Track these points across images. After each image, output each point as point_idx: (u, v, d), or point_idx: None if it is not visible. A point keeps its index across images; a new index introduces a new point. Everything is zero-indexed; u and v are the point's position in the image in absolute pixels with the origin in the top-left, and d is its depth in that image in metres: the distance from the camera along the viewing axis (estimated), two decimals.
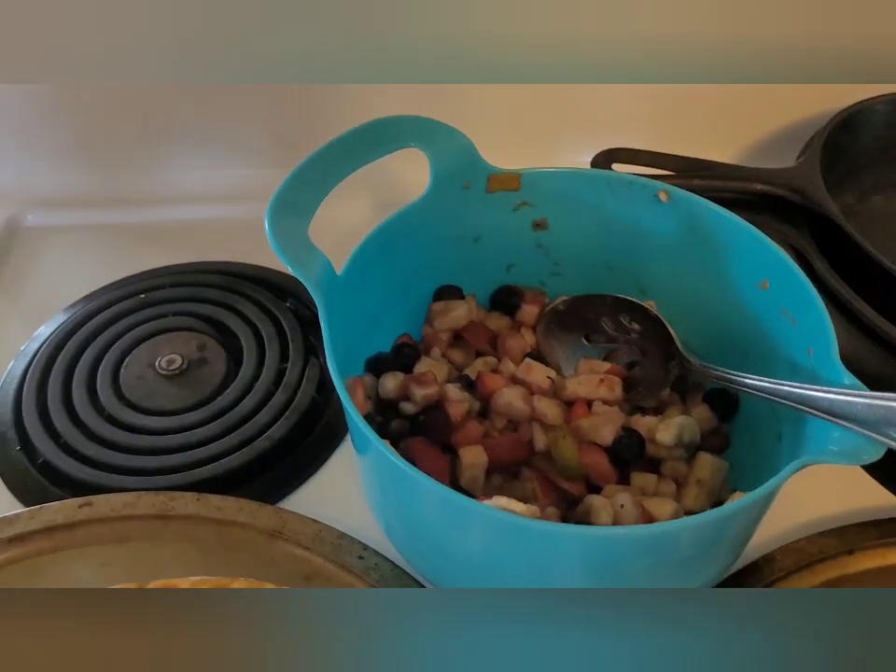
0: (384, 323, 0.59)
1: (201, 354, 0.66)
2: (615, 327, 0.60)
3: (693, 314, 0.59)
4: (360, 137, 0.52)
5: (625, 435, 0.53)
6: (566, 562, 0.44)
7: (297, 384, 0.64)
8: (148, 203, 0.82)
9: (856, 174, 0.73)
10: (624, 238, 0.59)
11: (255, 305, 0.70)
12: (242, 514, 0.55)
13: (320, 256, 0.49)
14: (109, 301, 0.72)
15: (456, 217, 0.58)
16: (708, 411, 0.57)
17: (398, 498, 0.48)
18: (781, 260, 0.52)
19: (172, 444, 0.60)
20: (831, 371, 0.46)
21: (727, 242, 0.55)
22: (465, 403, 0.55)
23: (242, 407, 0.63)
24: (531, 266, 0.63)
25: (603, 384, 0.56)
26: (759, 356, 0.54)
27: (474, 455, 0.52)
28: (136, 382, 0.65)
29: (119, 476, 0.58)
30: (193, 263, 0.75)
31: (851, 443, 0.42)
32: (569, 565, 0.44)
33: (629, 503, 0.50)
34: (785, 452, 0.50)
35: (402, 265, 0.58)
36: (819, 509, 0.58)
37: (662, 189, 0.56)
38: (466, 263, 0.61)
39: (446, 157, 0.55)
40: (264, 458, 0.60)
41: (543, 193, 0.58)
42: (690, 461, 0.54)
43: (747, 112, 0.79)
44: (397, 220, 0.55)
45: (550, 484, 0.53)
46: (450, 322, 0.60)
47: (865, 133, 0.71)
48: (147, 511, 0.55)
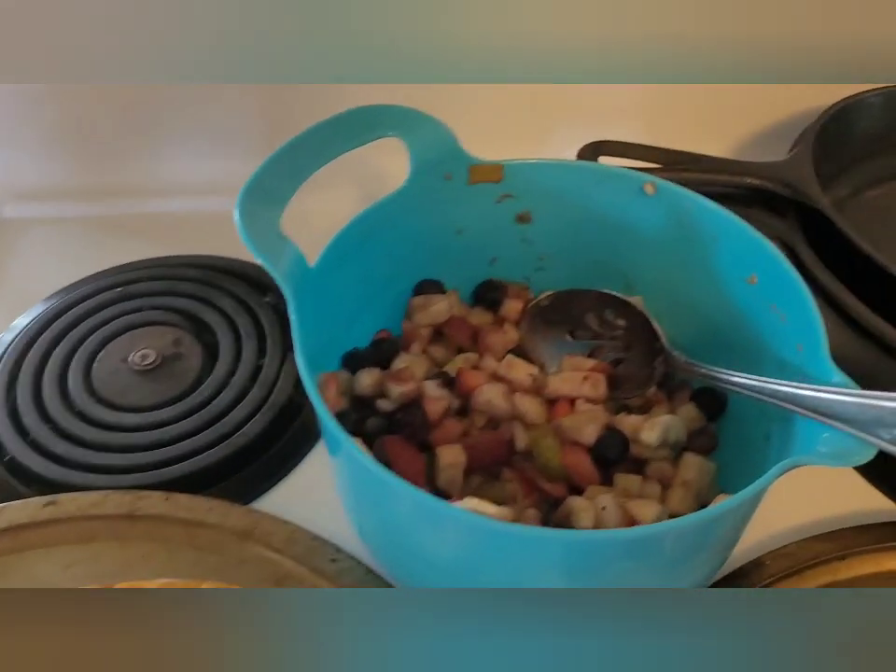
0: (362, 317, 0.57)
1: (176, 349, 0.65)
2: (600, 323, 0.58)
3: (680, 309, 0.57)
4: (337, 126, 0.50)
5: (609, 435, 0.51)
6: (542, 566, 0.42)
7: (274, 380, 0.63)
8: (128, 195, 0.81)
9: (849, 168, 0.72)
10: (610, 232, 0.57)
11: (232, 300, 0.68)
12: (212, 515, 0.53)
13: (291, 247, 0.47)
14: (86, 293, 0.70)
15: (437, 209, 0.56)
16: (695, 410, 0.55)
17: (369, 500, 0.46)
18: (770, 255, 0.50)
19: (143, 442, 0.58)
20: (820, 368, 0.44)
21: (715, 235, 0.53)
22: (443, 401, 0.53)
23: (216, 404, 0.61)
24: (515, 260, 0.61)
25: (587, 381, 0.54)
26: (747, 352, 0.53)
27: (452, 455, 0.51)
28: (109, 377, 0.63)
29: (87, 474, 0.57)
30: (172, 257, 0.74)
31: (841, 444, 0.40)
32: (547, 568, 0.43)
33: (611, 505, 0.48)
34: (773, 453, 0.49)
35: (381, 258, 0.56)
36: (811, 512, 0.56)
37: (648, 181, 0.54)
38: (448, 257, 0.59)
39: (426, 147, 0.53)
40: (237, 457, 0.58)
41: (526, 185, 0.57)
42: (676, 462, 0.53)
43: (738, 106, 0.78)
44: (374, 212, 0.53)
45: (531, 485, 0.52)
46: (430, 317, 0.58)
47: (858, 126, 0.70)
48: (114, 511, 0.53)
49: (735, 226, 0.52)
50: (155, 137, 0.81)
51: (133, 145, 0.80)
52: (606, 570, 0.43)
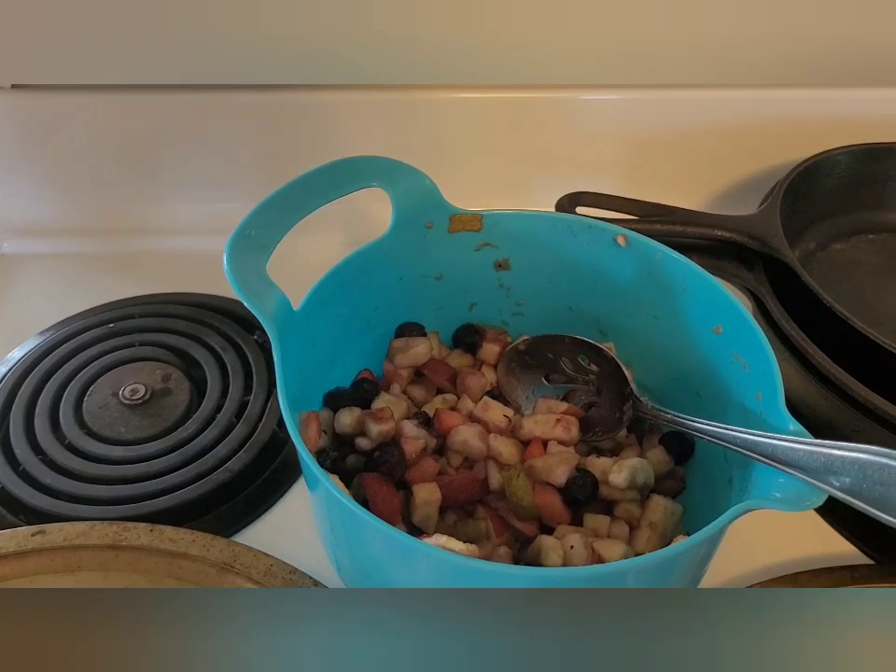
0: (345, 358, 0.59)
1: (165, 384, 0.67)
2: (574, 367, 0.60)
3: (650, 355, 0.60)
4: (322, 177, 0.53)
5: (579, 476, 0.53)
6: None
7: (258, 417, 0.64)
8: (122, 233, 0.83)
9: (817, 221, 0.74)
10: (585, 280, 0.60)
11: (221, 337, 0.71)
12: (194, 546, 0.54)
13: (277, 291, 0.49)
14: (79, 328, 0.72)
15: (419, 255, 0.59)
16: (664, 453, 0.57)
17: (345, 535, 0.48)
18: (734, 307, 0.52)
19: (129, 474, 0.60)
20: (777, 416, 0.46)
21: (683, 286, 0.55)
22: (421, 440, 0.55)
23: (202, 439, 0.63)
24: (493, 305, 0.63)
25: (559, 424, 0.56)
26: (713, 398, 0.55)
27: (427, 493, 0.53)
28: (99, 410, 0.65)
29: (75, 505, 0.58)
30: (164, 294, 0.76)
31: (794, 490, 0.42)
32: None
33: (579, 544, 0.50)
34: (734, 496, 0.50)
35: (364, 302, 0.58)
36: (772, 554, 0.58)
37: (620, 233, 0.57)
38: (428, 301, 0.62)
39: (408, 197, 0.56)
40: (221, 491, 0.60)
41: (505, 234, 0.59)
42: (644, 503, 0.54)
43: (712, 161, 0.81)
44: (357, 258, 0.56)
45: (503, 524, 0.53)
46: (410, 359, 0.60)
47: (826, 182, 0.73)
48: (99, 541, 0.55)
49: (702, 278, 0.54)
50: (149, 177, 0.83)
51: (127, 185, 0.83)
52: None
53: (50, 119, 0.79)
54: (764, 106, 0.79)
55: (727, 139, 0.79)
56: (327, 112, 0.79)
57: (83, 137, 0.80)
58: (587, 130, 0.79)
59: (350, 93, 0.79)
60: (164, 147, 0.81)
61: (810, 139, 0.73)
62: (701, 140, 0.79)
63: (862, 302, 0.68)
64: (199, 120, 0.79)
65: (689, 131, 0.79)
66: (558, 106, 0.78)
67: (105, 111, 0.79)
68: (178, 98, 0.78)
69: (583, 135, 0.80)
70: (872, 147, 0.74)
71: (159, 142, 0.81)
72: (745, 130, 0.79)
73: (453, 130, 0.78)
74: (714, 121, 0.79)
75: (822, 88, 0.78)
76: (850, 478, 0.40)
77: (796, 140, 0.75)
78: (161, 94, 0.78)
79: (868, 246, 0.75)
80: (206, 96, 0.78)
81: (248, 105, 0.79)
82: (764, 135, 0.79)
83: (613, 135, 0.80)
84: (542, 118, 0.79)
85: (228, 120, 0.79)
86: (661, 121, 0.79)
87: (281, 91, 0.78)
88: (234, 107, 0.79)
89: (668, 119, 0.79)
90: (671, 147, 0.80)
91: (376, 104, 0.78)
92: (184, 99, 0.78)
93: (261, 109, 0.79)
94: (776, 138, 0.79)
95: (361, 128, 0.79)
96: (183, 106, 0.79)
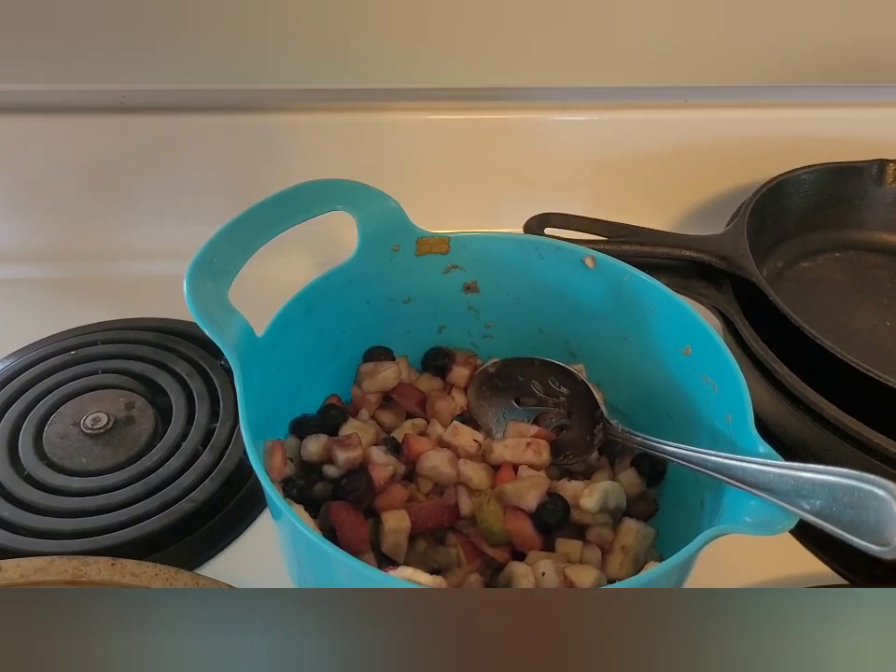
0: (311, 384, 0.58)
1: (128, 412, 0.65)
2: (545, 390, 0.60)
3: (620, 377, 0.59)
4: (285, 200, 0.52)
5: (550, 500, 0.53)
6: None
7: (225, 444, 0.63)
8: (83, 258, 0.82)
9: (784, 239, 0.75)
10: (553, 302, 0.60)
11: (187, 363, 0.69)
12: (157, 580, 0.53)
13: (239, 318, 0.48)
14: (39, 356, 0.70)
15: (386, 279, 0.58)
16: (636, 475, 0.56)
17: (311, 567, 0.47)
18: (702, 328, 0.52)
19: (90, 506, 0.59)
20: (747, 438, 0.46)
21: (651, 307, 0.55)
22: (389, 467, 0.54)
23: (166, 468, 0.61)
24: (463, 328, 0.63)
25: (530, 447, 0.56)
26: (683, 420, 0.55)
27: (396, 520, 0.52)
28: (60, 441, 0.63)
29: (33, 539, 0.57)
30: (127, 320, 0.74)
31: (765, 513, 0.42)
32: None
33: (550, 570, 0.49)
34: (706, 518, 0.50)
35: (330, 326, 0.57)
36: (746, 575, 0.58)
37: (588, 254, 0.57)
38: (397, 325, 0.61)
39: (374, 220, 0.55)
40: (185, 521, 0.58)
41: (472, 257, 0.59)
42: (615, 527, 0.54)
43: (679, 181, 0.81)
44: (322, 283, 0.55)
45: (474, 550, 0.53)
46: (378, 384, 0.59)
47: (793, 200, 0.73)
48: (58, 577, 0.53)
49: (670, 299, 0.54)
50: (112, 201, 0.82)
51: (89, 209, 0.82)
52: None
53: (12, 141, 0.77)
54: (730, 127, 0.79)
55: (693, 159, 0.80)
56: (295, 134, 0.78)
57: (45, 160, 0.79)
58: (554, 151, 0.79)
59: (317, 116, 0.78)
60: (128, 170, 0.80)
61: (776, 159, 0.73)
62: (668, 160, 0.80)
63: (831, 320, 0.68)
64: (164, 144, 0.78)
65: (655, 151, 0.80)
66: (525, 127, 0.78)
67: (67, 134, 0.78)
68: (142, 121, 0.77)
69: (551, 156, 0.80)
70: (836, 167, 0.74)
71: (122, 165, 0.80)
72: (711, 150, 0.79)
73: (419, 152, 0.78)
74: (680, 141, 0.79)
75: (787, 108, 0.79)
76: (821, 500, 0.40)
77: (762, 160, 0.76)
78: (124, 118, 0.77)
79: (835, 265, 0.75)
80: (171, 119, 0.77)
81: (215, 127, 0.78)
82: (730, 155, 0.80)
83: (581, 156, 0.80)
84: (509, 139, 0.79)
85: (193, 143, 0.79)
86: (627, 142, 0.79)
87: (248, 114, 0.78)
88: (200, 130, 0.78)
89: (635, 140, 0.79)
90: (638, 167, 0.80)
91: (344, 126, 0.78)
92: (147, 122, 0.77)
93: (228, 132, 0.78)
94: (742, 158, 0.79)
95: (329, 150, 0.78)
96: (147, 129, 0.78)
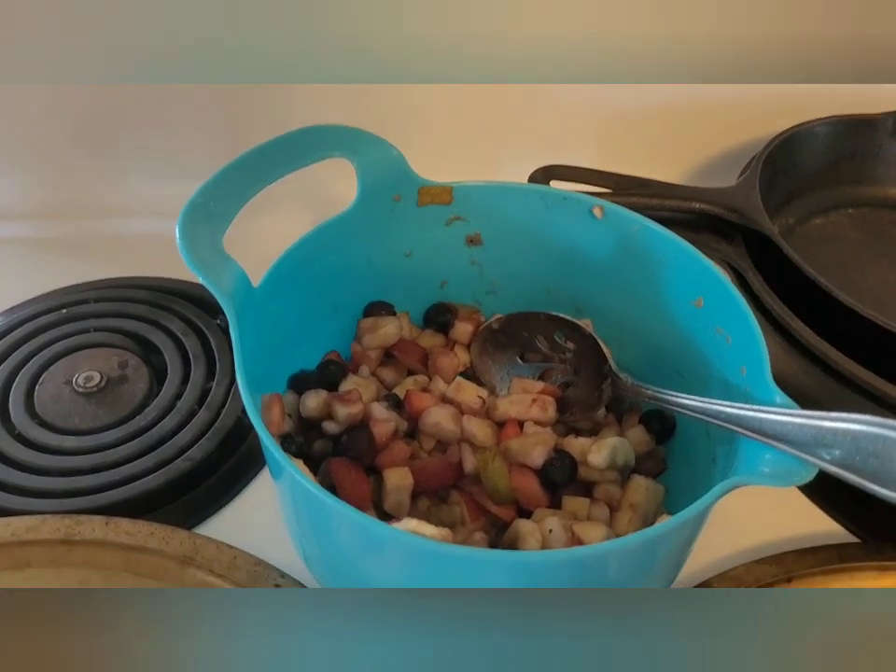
0: (310, 339, 0.56)
1: (122, 371, 0.63)
2: (550, 345, 0.58)
3: (628, 332, 0.58)
4: (282, 146, 0.50)
5: (557, 457, 0.51)
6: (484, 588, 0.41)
7: (221, 403, 0.62)
8: (76, 216, 0.80)
9: (797, 195, 0.73)
10: (560, 255, 0.58)
11: (182, 322, 0.67)
12: (153, 540, 0.52)
13: (234, 266, 0.47)
14: (30, 314, 0.69)
15: (386, 230, 0.56)
16: (644, 432, 0.55)
17: (311, 524, 0.45)
18: (716, 278, 0.50)
19: (83, 465, 0.57)
20: (763, 389, 0.44)
21: (662, 259, 0.53)
22: (391, 423, 0.52)
23: (161, 427, 0.60)
24: (466, 283, 0.61)
25: (535, 404, 0.54)
26: (693, 374, 0.53)
27: (399, 478, 0.50)
28: (51, 400, 0.62)
29: (25, 499, 0.55)
30: (120, 278, 0.73)
31: (783, 464, 0.40)
32: None
33: (558, 528, 0.48)
34: (718, 474, 0.49)
35: (329, 280, 0.55)
36: (758, 535, 0.56)
37: (596, 204, 0.55)
38: (397, 279, 0.59)
39: (374, 168, 0.53)
40: (182, 480, 0.57)
41: (476, 208, 0.57)
42: (624, 484, 0.52)
43: (689, 133, 0.79)
44: (321, 233, 0.53)
45: (478, 508, 0.51)
46: (379, 339, 0.57)
47: (805, 154, 0.71)
48: (51, 536, 0.52)
49: (682, 250, 0.52)
50: (105, 158, 0.80)
51: (81, 165, 0.79)
52: None
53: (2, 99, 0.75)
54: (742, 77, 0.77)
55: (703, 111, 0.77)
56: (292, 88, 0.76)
57: (37, 118, 0.76)
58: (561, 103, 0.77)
59: None
60: (121, 126, 0.78)
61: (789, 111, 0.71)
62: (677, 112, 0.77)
63: (844, 278, 0.66)
64: (158, 101, 0.76)
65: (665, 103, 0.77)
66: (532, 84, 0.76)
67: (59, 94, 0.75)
68: None
69: (557, 108, 0.77)
70: (850, 119, 0.72)
71: (115, 121, 0.77)
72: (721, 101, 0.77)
73: (422, 102, 0.76)
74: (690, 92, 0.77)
75: None
76: (842, 450, 0.38)
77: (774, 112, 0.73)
78: None
79: (848, 221, 0.73)
80: None
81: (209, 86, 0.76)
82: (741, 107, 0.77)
83: (588, 108, 0.77)
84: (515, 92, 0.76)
85: (188, 100, 0.76)
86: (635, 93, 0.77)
87: None
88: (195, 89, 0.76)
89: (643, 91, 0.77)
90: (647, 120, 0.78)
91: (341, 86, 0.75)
92: None
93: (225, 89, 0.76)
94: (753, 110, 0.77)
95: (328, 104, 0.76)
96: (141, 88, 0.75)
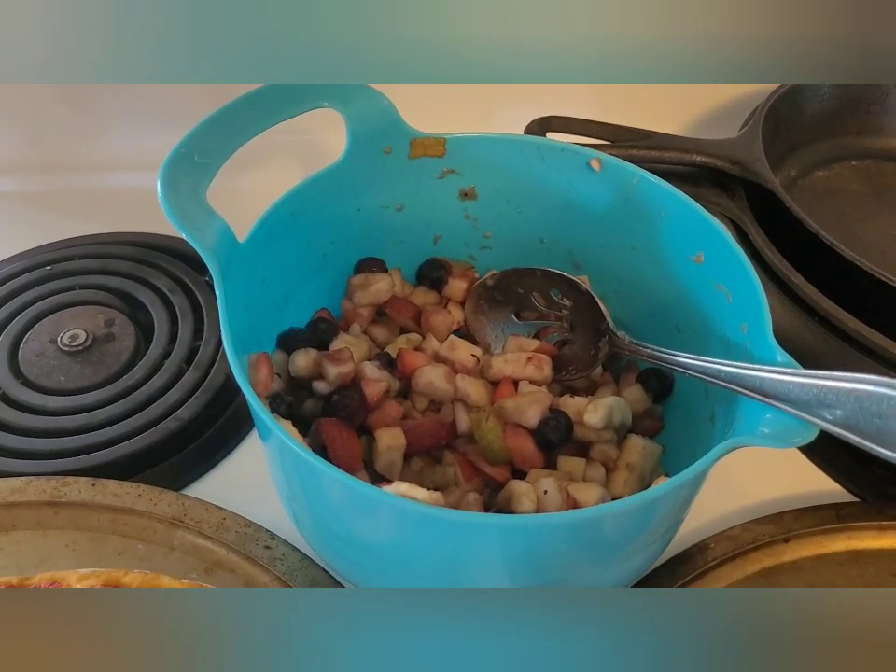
0: (299, 297, 0.55)
1: (108, 329, 0.62)
2: (546, 303, 0.57)
3: (626, 290, 0.56)
4: (268, 96, 0.48)
5: (552, 417, 0.50)
6: (477, 551, 0.41)
7: (210, 362, 0.60)
8: (60, 170, 0.78)
9: (799, 148, 0.71)
10: (556, 209, 0.56)
11: (169, 279, 0.66)
12: (140, 501, 0.51)
13: (218, 220, 0.45)
14: (13, 272, 0.67)
15: (377, 183, 0.54)
16: (642, 391, 0.54)
17: (301, 486, 0.44)
18: (717, 233, 0.49)
19: (70, 426, 0.56)
20: (764, 348, 0.43)
21: (662, 213, 0.52)
22: (383, 382, 0.51)
23: (149, 386, 0.58)
24: (459, 238, 0.59)
25: (531, 362, 0.53)
26: (693, 332, 0.52)
27: (391, 438, 0.49)
28: (36, 358, 0.60)
29: (10, 460, 0.54)
30: (106, 234, 0.71)
31: (783, 425, 0.39)
32: (483, 555, 0.41)
33: (553, 489, 0.47)
34: (717, 434, 0.48)
35: (319, 235, 0.54)
36: (756, 494, 0.56)
37: (594, 156, 0.53)
38: (390, 234, 0.58)
39: (364, 119, 0.51)
40: (170, 441, 0.56)
41: (470, 160, 0.55)
42: (620, 444, 0.51)
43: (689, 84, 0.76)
44: (309, 186, 0.51)
45: (472, 469, 0.50)
46: (370, 297, 0.56)
47: (808, 106, 0.70)
48: (36, 498, 0.51)
49: (682, 203, 0.51)
50: (89, 111, 0.77)
51: (65, 119, 0.77)
52: (544, 555, 0.41)
53: None
54: None
55: None
56: None
57: None
58: None
59: None
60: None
61: None
62: None
63: (847, 231, 0.65)
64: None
65: None
66: None
67: None
68: None
69: None
70: None
71: None
72: None
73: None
74: None
75: None
76: (845, 410, 0.37)
77: None
78: None
79: (851, 174, 0.72)
80: None
81: None
82: None
83: None
84: None
85: None
86: None
87: None
88: None
89: None
90: None
91: None
92: None
93: None
94: None
95: None
96: None
